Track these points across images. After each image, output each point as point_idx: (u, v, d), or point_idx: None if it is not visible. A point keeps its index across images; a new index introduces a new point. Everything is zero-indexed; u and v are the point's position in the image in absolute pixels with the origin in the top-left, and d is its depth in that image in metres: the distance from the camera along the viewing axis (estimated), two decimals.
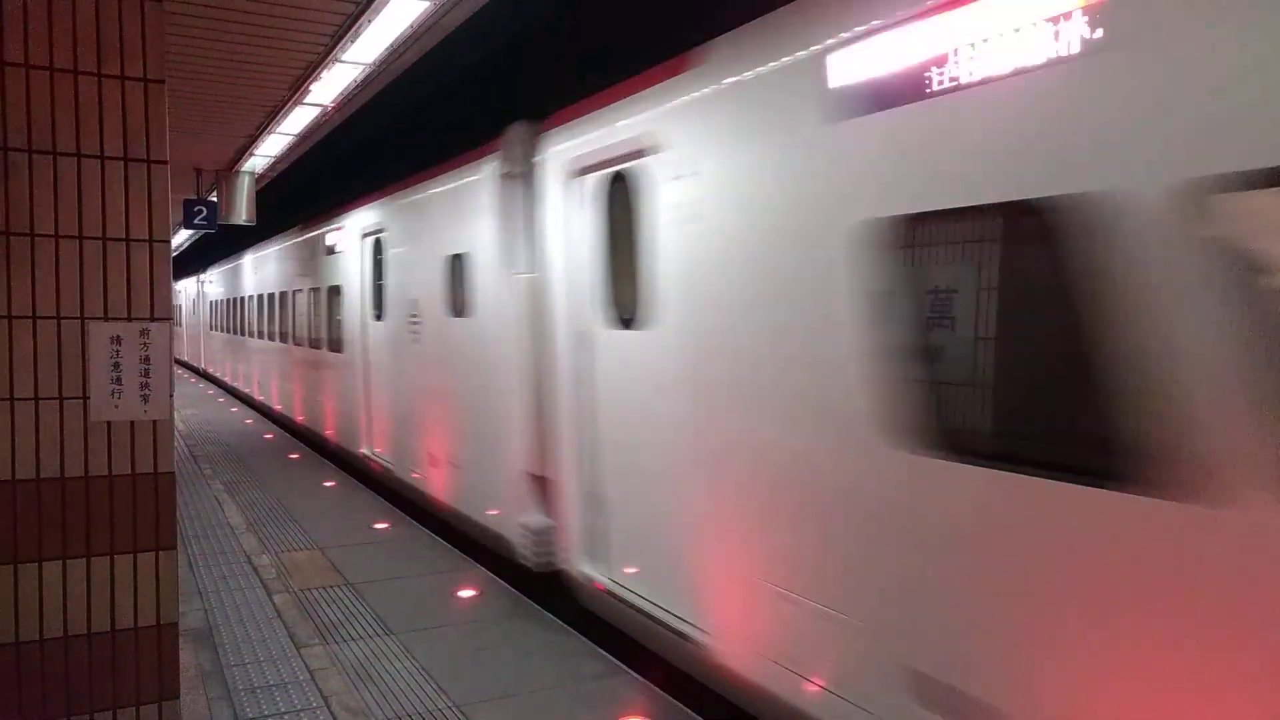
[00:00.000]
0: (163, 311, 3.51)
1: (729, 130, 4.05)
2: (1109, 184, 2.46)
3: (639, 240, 4.88)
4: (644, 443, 4.97)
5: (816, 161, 3.54)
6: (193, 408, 17.52)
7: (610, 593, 5.34)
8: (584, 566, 5.67)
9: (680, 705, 4.37)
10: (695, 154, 4.28)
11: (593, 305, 5.52)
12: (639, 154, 4.79)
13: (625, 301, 5.23)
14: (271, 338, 15.60)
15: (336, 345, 11.26)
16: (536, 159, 6.07)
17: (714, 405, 4.23)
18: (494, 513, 6.82)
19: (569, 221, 5.68)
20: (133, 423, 3.47)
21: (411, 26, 6.08)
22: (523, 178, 6.24)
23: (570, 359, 5.72)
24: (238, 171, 11.87)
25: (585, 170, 5.46)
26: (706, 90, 4.22)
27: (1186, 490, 2.32)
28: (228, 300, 20.96)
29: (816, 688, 3.63)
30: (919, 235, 3.21)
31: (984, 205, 2.86)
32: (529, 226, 6.24)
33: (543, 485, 6.20)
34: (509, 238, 6.41)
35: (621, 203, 5.15)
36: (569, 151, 5.61)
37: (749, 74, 3.91)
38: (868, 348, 3.32)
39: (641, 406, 4.99)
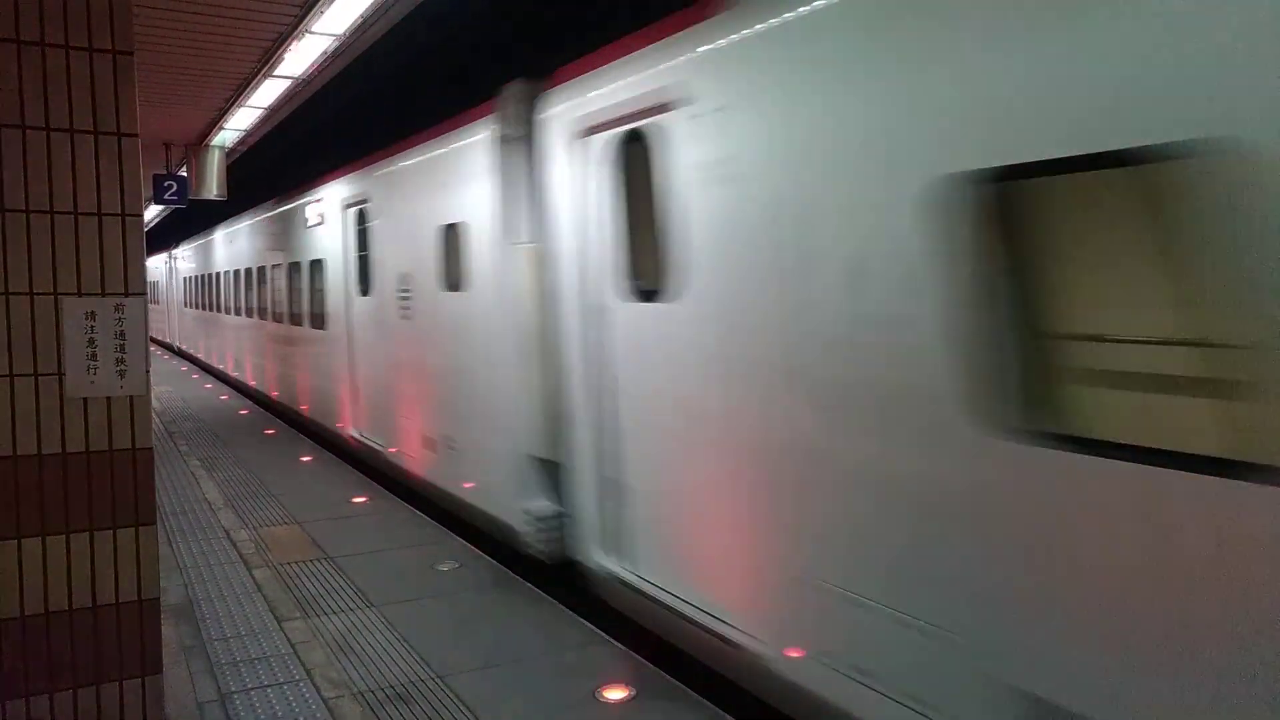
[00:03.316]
0: (137, 286, 3.48)
1: (775, 77, 3.65)
2: None
3: (660, 205, 4.48)
4: (674, 425, 4.54)
5: (886, 109, 3.17)
6: (167, 384, 17.38)
7: (633, 587, 4.95)
8: (600, 558, 5.28)
9: (661, 673, 4.43)
10: (730, 105, 3.89)
11: (607, 277, 5.08)
12: (659, 109, 4.39)
13: (646, 272, 4.81)
14: (248, 314, 15.43)
15: (319, 322, 10.95)
16: (537, 120, 5.65)
17: (762, 384, 3.83)
18: (494, 498, 6.53)
19: (575, 186, 5.25)
20: (109, 398, 3.46)
21: None
22: (522, 140, 5.82)
23: (581, 334, 5.30)
24: (208, 146, 11.73)
25: (594, 130, 5.04)
26: (746, 33, 3.80)
27: None
28: (202, 276, 20.84)
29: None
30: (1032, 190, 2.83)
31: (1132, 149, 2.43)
32: (531, 193, 5.82)
33: (551, 470, 5.90)
34: (509, 205, 5.97)
35: (639, 164, 4.73)
36: (574, 111, 5.19)
37: (802, 9, 3.52)
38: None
39: (671, 385, 4.53)
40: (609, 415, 5.13)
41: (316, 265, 10.94)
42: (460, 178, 6.74)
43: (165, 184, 11.88)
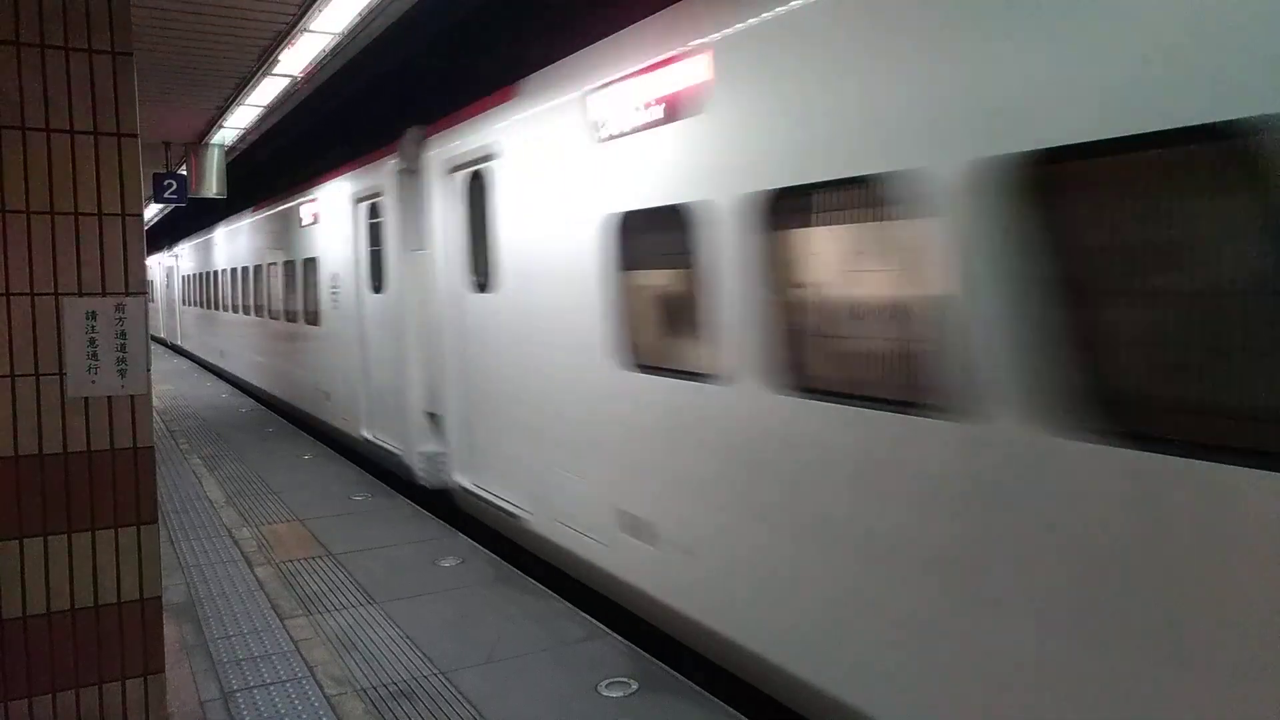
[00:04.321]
0: (137, 286, 3.49)
1: None
2: None
3: None
4: None
5: None
6: (169, 383, 17.39)
7: None
8: None
9: (663, 666, 4.45)
10: None
11: None
12: None
13: None
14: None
15: None
16: None
17: None
18: None
19: None
20: (110, 398, 3.47)
21: None
22: None
23: None
24: (207, 144, 11.73)
25: None
26: None
27: None
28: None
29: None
30: None
31: None
32: None
33: None
34: None
35: None
36: None
37: None
38: None
39: None
40: None
41: None
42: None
43: (165, 182, 11.88)
